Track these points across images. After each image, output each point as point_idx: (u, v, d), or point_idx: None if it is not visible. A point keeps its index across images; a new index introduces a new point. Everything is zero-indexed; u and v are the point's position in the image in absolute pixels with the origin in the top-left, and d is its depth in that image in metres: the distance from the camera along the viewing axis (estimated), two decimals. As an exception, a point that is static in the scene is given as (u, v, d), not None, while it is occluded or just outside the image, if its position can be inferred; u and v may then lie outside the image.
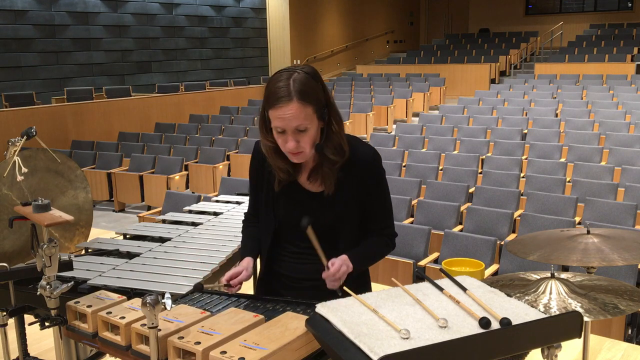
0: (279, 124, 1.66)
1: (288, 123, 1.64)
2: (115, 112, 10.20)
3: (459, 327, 1.31)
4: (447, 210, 5.12)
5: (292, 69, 1.68)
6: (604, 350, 2.97)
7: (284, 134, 1.68)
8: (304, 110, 1.64)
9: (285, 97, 1.62)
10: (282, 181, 1.83)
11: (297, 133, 1.67)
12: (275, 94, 1.64)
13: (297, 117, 1.63)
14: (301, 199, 1.84)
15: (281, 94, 1.63)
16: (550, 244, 2.05)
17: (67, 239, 2.74)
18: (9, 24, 10.61)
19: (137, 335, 1.60)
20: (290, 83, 1.63)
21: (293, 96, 1.62)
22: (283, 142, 1.70)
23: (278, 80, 1.65)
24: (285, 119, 1.64)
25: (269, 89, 1.67)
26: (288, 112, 1.63)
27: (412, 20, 21.13)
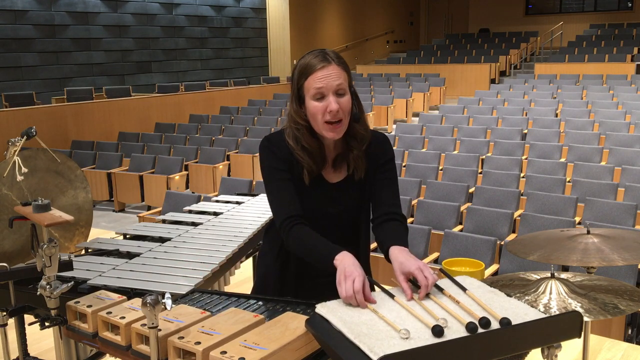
0: (321, 84, 1.69)
1: (330, 82, 1.69)
2: (115, 112, 10.20)
3: (458, 327, 1.31)
4: (447, 210, 5.12)
5: (320, 49, 1.78)
6: (604, 350, 2.97)
7: (323, 99, 1.70)
8: (342, 73, 1.72)
9: (325, 61, 1.71)
10: (311, 173, 1.79)
11: (338, 96, 1.71)
12: (314, 62, 1.71)
13: (338, 76, 1.70)
14: (328, 191, 1.84)
15: (320, 59, 1.71)
16: (550, 244, 2.05)
17: (67, 239, 2.74)
18: (9, 24, 10.61)
19: (137, 335, 1.60)
20: (325, 53, 1.74)
21: (332, 60, 1.72)
22: (323, 108, 1.70)
23: (312, 55, 1.74)
24: (327, 78, 1.69)
25: (304, 64, 1.74)
26: (330, 71, 1.70)
27: (412, 20, 21.13)
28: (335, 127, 1.72)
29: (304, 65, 1.73)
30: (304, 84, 1.72)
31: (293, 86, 1.77)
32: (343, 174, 1.85)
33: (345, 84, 1.72)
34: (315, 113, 1.71)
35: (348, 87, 1.74)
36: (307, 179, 1.79)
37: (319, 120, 1.71)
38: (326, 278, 1.73)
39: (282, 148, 1.80)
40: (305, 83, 1.72)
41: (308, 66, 1.72)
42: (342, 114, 1.71)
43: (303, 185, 1.80)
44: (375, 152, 1.86)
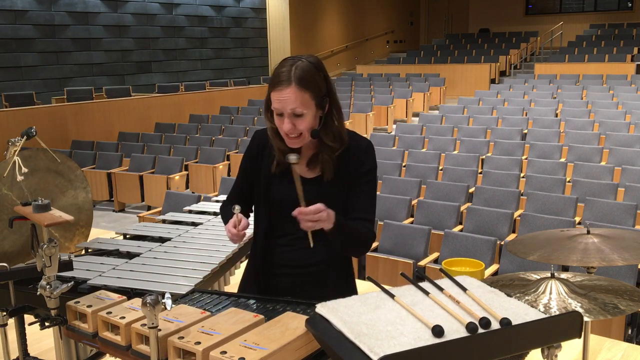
0: (277, 105, 1.75)
1: (285, 105, 1.74)
2: (115, 112, 10.20)
3: (458, 327, 1.31)
4: (447, 210, 5.12)
5: (297, 57, 1.79)
6: (604, 350, 2.97)
7: (281, 116, 1.77)
8: (301, 95, 1.73)
9: (285, 81, 1.73)
10: (280, 163, 1.88)
11: (294, 117, 1.75)
12: (277, 77, 1.75)
13: (293, 100, 1.73)
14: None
15: (282, 78, 1.73)
16: (550, 244, 2.05)
17: (67, 239, 2.74)
18: (9, 24, 10.60)
19: (137, 335, 1.60)
20: (292, 69, 1.74)
21: (292, 81, 1.72)
22: (280, 124, 1.79)
23: (282, 66, 1.76)
24: (282, 101, 1.73)
25: (273, 74, 1.78)
26: (285, 95, 1.73)
27: (412, 20, 21.13)
28: (293, 140, 1.80)
29: (272, 76, 1.77)
30: (270, 95, 1.78)
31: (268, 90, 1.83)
32: (316, 173, 1.90)
33: (302, 107, 1.73)
34: (278, 126, 1.81)
35: (314, 104, 1.75)
36: (274, 166, 1.89)
37: (280, 131, 1.81)
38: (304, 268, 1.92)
39: (263, 140, 1.94)
40: (271, 94, 1.78)
41: (273, 79, 1.76)
42: (297, 132, 1.77)
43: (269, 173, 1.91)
44: (356, 160, 1.88)
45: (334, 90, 1.84)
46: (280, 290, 1.95)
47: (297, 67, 1.74)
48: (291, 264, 1.94)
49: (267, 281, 1.98)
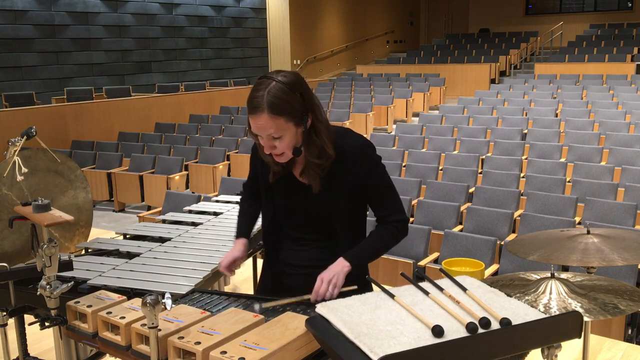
0: (254, 130, 1.77)
1: (260, 131, 1.74)
2: (115, 112, 10.20)
3: (458, 327, 1.31)
4: (447, 210, 5.12)
5: (271, 76, 1.74)
6: (604, 350, 2.97)
7: (261, 138, 1.78)
8: (274, 121, 1.71)
9: (257, 108, 1.70)
10: (276, 173, 1.92)
11: (272, 139, 1.75)
12: (251, 103, 1.72)
13: (267, 127, 1.72)
14: (295, 190, 1.92)
15: (254, 104, 1.71)
16: (550, 244, 2.05)
17: (67, 239, 2.74)
18: (9, 24, 10.61)
19: (137, 335, 1.60)
20: (264, 94, 1.70)
21: (264, 109, 1.69)
22: (261, 144, 1.80)
23: (257, 90, 1.73)
24: (258, 128, 1.74)
25: (249, 96, 1.74)
26: (259, 122, 1.72)
27: (412, 20, 21.13)
28: (278, 157, 1.82)
29: (248, 100, 1.74)
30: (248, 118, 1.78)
31: None
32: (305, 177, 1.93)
33: (278, 131, 1.72)
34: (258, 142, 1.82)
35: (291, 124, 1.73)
36: (271, 177, 1.93)
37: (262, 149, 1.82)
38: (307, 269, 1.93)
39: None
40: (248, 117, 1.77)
41: (249, 104, 1.73)
42: (280, 151, 1.78)
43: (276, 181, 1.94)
44: (353, 162, 1.85)
45: (315, 104, 1.79)
46: (294, 288, 1.93)
47: (270, 91, 1.69)
48: (302, 264, 1.97)
49: (281, 279, 2.02)
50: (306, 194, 1.89)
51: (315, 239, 1.95)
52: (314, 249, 1.94)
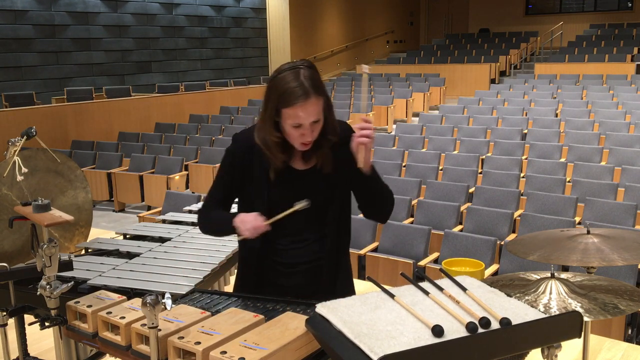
0: (299, 120, 1.74)
1: (307, 118, 1.74)
2: (115, 112, 10.20)
3: (458, 327, 1.31)
4: (447, 210, 5.12)
5: (294, 66, 1.76)
6: (604, 350, 2.97)
7: (300, 128, 1.76)
8: (319, 104, 1.76)
9: (303, 95, 1.71)
10: (277, 169, 1.87)
11: (313, 124, 1.77)
12: (293, 94, 1.71)
13: (316, 112, 1.75)
14: (293, 180, 1.90)
15: (299, 93, 1.71)
16: (550, 244, 2.05)
17: (67, 239, 2.74)
18: (9, 24, 10.60)
19: (137, 335, 1.60)
20: (303, 81, 1.72)
21: (311, 94, 1.72)
22: (299, 135, 1.77)
23: (288, 81, 1.73)
24: (307, 115, 1.73)
25: (281, 89, 1.73)
26: (308, 108, 1.72)
27: (412, 20, 21.13)
28: (308, 145, 1.82)
29: (283, 92, 1.72)
30: (282, 111, 1.75)
31: (268, 105, 1.78)
32: (311, 164, 1.90)
33: (320, 114, 1.77)
34: (291, 136, 1.79)
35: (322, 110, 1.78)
36: (272, 174, 1.87)
37: (294, 139, 1.80)
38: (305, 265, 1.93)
39: (248, 144, 1.88)
40: (283, 110, 1.74)
41: (288, 95, 1.72)
42: (314, 136, 1.80)
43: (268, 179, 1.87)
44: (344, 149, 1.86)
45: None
46: (296, 287, 1.94)
47: (306, 77, 1.73)
48: (302, 261, 1.94)
49: (279, 281, 1.96)
50: (304, 179, 1.89)
51: (310, 233, 1.94)
52: (310, 244, 1.93)
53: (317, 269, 1.95)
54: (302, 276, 1.95)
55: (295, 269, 1.95)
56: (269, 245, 1.93)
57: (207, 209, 1.97)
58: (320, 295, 1.83)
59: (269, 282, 1.97)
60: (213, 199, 1.97)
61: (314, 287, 1.94)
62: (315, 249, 1.94)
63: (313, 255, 1.94)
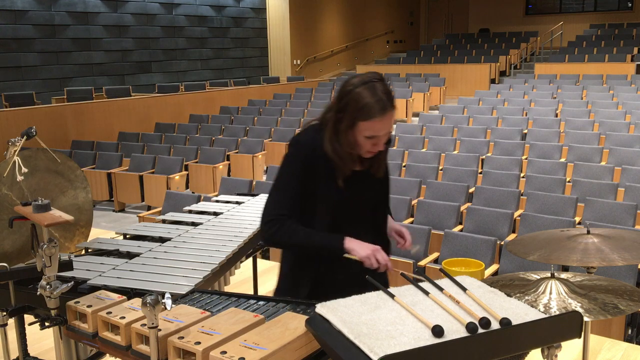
0: (376, 132, 1.85)
1: (384, 130, 1.86)
2: (115, 112, 10.20)
3: (458, 327, 1.31)
4: (447, 210, 5.12)
5: (367, 80, 1.85)
6: (604, 350, 2.97)
7: (373, 139, 1.87)
8: (393, 116, 1.87)
9: (382, 110, 1.82)
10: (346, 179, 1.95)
11: (386, 135, 1.89)
12: (372, 108, 1.81)
13: (390, 124, 1.87)
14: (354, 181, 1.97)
15: (378, 108, 1.81)
16: (550, 244, 2.05)
17: (67, 239, 2.74)
18: (9, 24, 10.61)
19: (137, 335, 1.60)
20: (382, 97, 1.83)
21: (388, 108, 1.84)
22: (371, 146, 1.89)
23: (365, 96, 1.82)
24: (385, 126, 1.85)
25: (360, 103, 1.81)
26: (387, 120, 1.85)
27: (412, 20, 21.13)
28: (372, 153, 1.93)
29: (363, 107, 1.81)
30: (359, 124, 1.83)
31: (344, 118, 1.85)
32: (364, 166, 2.01)
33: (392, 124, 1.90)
34: (363, 146, 1.89)
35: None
36: (340, 182, 1.93)
37: (363, 148, 1.89)
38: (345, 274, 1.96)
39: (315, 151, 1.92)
40: (361, 124, 1.83)
41: (368, 110, 1.81)
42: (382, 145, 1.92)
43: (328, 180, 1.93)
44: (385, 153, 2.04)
45: None
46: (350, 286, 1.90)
47: (385, 92, 1.83)
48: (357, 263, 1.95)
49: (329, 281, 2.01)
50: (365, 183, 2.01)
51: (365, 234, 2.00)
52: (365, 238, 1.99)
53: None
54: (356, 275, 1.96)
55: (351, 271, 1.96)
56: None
57: (285, 218, 1.92)
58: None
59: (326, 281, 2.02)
60: (284, 211, 1.93)
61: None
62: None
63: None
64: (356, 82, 1.85)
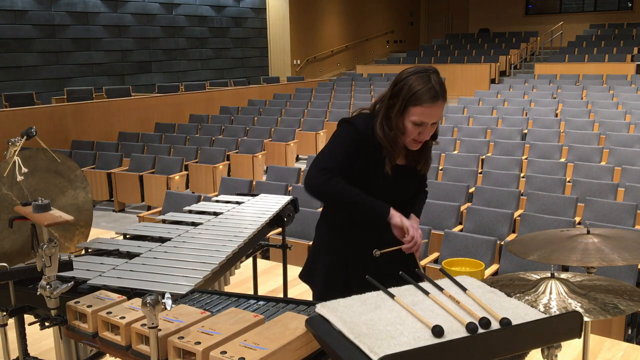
0: (424, 119, 1.92)
1: (432, 118, 1.93)
2: (115, 112, 10.20)
3: (458, 327, 1.31)
4: (447, 210, 5.12)
5: (423, 70, 1.95)
6: (604, 350, 2.97)
7: (421, 126, 1.94)
8: (442, 108, 1.96)
9: (435, 97, 1.90)
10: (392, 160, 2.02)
11: (431, 126, 1.96)
12: (424, 94, 1.90)
13: (439, 114, 1.95)
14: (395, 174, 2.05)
15: (432, 94, 1.90)
16: (550, 244, 2.05)
17: (67, 239, 2.74)
18: (9, 24, 10.61)
19: (137, 335, 1.60)
20: (435, 85, 1.92)
21: (440, 97, 1.92)
22: (418, 134, 1.95)
23: (419, 82, 1.91)
24: (433, 116, 1.92)
25: (413, 89, 1.90)
26: (437, 109, 1.92)
27: (412, 20, 21.14)
28: (419, 144, 2.01)
29: (415, 94, 1.90)
30: (410, 109, 1.92)
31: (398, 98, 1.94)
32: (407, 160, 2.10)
33: (441, 116, 1.97)
34: (409, 132, 1.96)
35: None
36: (389, 167, 2.01)
37: (408, 136, 1.97)
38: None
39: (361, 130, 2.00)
40: (411, 108, 1.92)
41: (419, 96, 1.90)
42: (428, 136, 1.99)
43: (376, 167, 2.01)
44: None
45: None
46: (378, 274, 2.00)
47: (437, 82, 1.92)
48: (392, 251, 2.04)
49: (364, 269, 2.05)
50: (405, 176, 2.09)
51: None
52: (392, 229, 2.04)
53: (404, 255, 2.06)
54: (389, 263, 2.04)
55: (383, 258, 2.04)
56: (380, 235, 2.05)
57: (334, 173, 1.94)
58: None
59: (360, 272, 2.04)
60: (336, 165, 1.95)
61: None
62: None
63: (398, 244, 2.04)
64: (411, 70, 1.94)
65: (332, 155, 1.98)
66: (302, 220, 4.86)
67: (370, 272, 2.00)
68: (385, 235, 2.03)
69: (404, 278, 1.62)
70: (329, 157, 1.98)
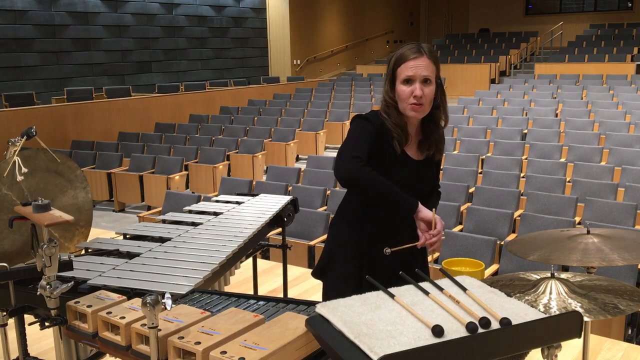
0: (410, 73, 1.97)
1: (418, 71, 1.97)
2: (115, 112, 10.20)
3: (458, 327, 1.31)
4: (447, 210, 5.12)
5: (418, 43, 2.05)
6: (604, 350, 2.97)
7: (410, 83, 1.98)
8: (431, 65, 1.99)
9: (418, 53, 1.99)
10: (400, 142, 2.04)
11: (423, 83, 1.98)
12: (408, 53, 1.99)
13: (426, 67, 1.98)
14: (415, 167, 2.11)
15: (415, 49, 1.99)
16: (550, 244, 2.05)
17: (67, 239, 2.74)
18: (9, 24, 10.61)
19: (137, 335, 1.60)
20: (422, 45, 2.02)
21: (424, 53, 1.99)
22: (410, 91, 1.98)
23: (408, 48, 2.01)
24: (417, 68, 1.97)
25: (399, 53, 2.02)
26: (420, 62, 1.97)
27: (412, 20, 21.14)
28: (417, 108, 2.00)
29: (400, 55, 2.01)
30: (397, 70, 2.00)
31: (388, 71, 2.05)
32: (424, 155, 2.14)
33: (432, 75, 2.00)
34: (402, 95, 1.99)
35: (434, 79, 2.01)
36: (397, 147, 2.03)
37: (405, 101, 1.99)
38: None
39: (376, 123, 2.04)
40: (398, 69, 2.00)
41: (403, 56, 2.00)
42: (424, 100, 1.99)
43: (392, 158, 2.04)
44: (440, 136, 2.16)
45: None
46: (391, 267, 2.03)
47: (423, 46, 2.01)
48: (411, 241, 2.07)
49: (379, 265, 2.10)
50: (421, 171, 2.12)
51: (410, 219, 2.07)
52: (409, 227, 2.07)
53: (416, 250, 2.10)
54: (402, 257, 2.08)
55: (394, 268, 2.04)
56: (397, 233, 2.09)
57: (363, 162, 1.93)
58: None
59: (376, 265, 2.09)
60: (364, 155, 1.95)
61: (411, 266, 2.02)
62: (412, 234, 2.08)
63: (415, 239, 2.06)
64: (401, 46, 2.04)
65: (358, 146, 1.98)
66: (302, 220, 4.86)
67: (386, 269, 2.08)
68: (402, 233, 2.08)
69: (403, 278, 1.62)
70: (355, 147, 1.97)
